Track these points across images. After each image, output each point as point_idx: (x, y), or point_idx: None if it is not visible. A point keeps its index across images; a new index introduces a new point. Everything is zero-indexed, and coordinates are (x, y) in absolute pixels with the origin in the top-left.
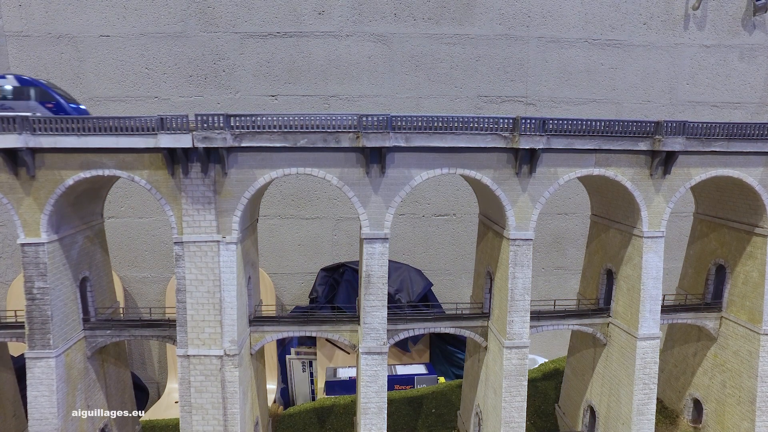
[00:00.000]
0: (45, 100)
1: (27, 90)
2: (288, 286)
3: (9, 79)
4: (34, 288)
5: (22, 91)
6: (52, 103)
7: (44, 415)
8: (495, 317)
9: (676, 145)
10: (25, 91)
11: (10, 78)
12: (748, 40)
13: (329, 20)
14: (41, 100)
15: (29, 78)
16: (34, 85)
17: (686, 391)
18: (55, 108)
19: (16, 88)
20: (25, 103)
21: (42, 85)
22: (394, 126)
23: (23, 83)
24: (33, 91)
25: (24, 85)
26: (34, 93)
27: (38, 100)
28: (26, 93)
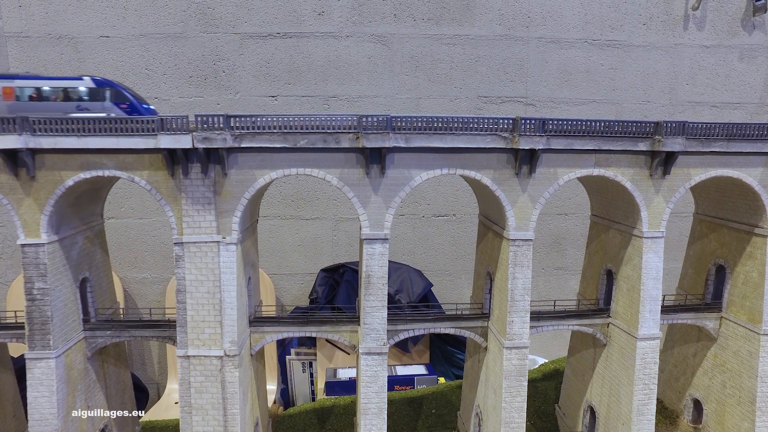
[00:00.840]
0: (119, 101)
1: (102, 91)
2: (288, 286)
3: (85, 81)
4: (34, 289)
5: (97, 93)
6: (126, 103)
7: (44, 415)
8: (495, 318)
9: (675, 146)
10: (101, 92)
11: (86, 80)
12: (747, 40)
13: (329, 21)
14: (115, 101)
15: (104, 79)
16: (109, 86)
17: (686, 392)
18: (129, 108)
19: (92, 90)
20: (101, 104)
21: (116, 86)
22: (393, 126)
23: (99, 84)
24: (108, 92)
25: (99, 87)
26: (108, 94)
27: (113, 101)
28: (101, 94)
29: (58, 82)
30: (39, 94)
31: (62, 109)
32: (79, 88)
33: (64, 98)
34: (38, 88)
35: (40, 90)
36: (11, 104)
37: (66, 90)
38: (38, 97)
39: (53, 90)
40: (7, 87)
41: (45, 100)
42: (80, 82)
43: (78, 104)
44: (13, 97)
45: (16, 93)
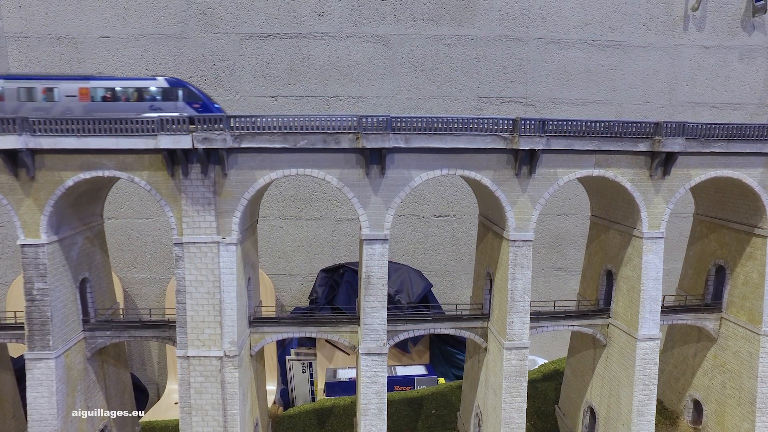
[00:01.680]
0: (192, 101)
1: (176, 91)
2: (288, 287)
3: (159, 81)
4: (34, 289)
5: (171, 92)
6: (198, 103)
7: (44, 416)
8: (495, 318)
9: (675, 146)
10: (174, 92)
11: (160, 80)
12: (747, 41)
13: (329, 21)
14: (188, 101)
15: (177, 79)
16: (182, 86)
17: (686, 392)
18: (201, 108)
19: (166, 90)
20: (173, 104)
21: (189, 85)
22: (393, 127)
23: (172, 84)
24: (181, 92)
25: (173, 86)
26: (182, 94)
27: (186, 101)
28: (175, 94)
29: (133, 83)
30: (114, 95)
31: (136, 109)
32: (152, 88)
33: (138, 98)
34: (113, 88)
35: (114, 90)
36: (87, 105)
37: (140, 90)
38: (113, 98)
39: (127, 90)
40: (84, 88)
41: (119, 101)
42: (154, 82)
43: (151, 104)
44: (89, 97)
45: (92, 94)
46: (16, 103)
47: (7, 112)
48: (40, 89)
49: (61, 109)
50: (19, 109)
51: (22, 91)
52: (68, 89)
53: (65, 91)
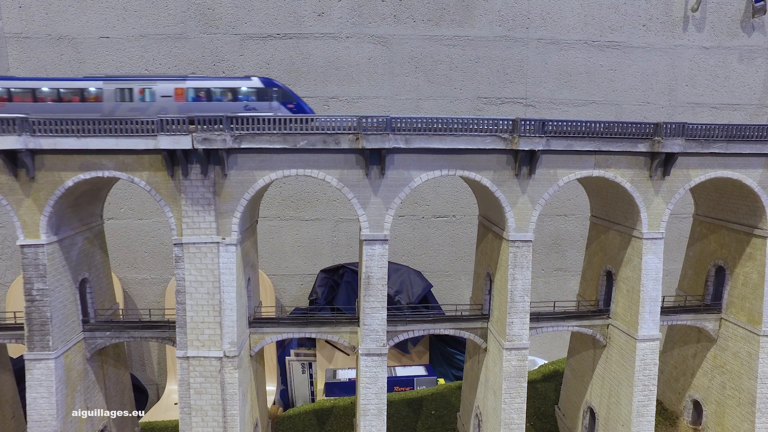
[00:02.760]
0: (286, 101)
1: (270, 91)
2: (287, 287)
3: (253, 81)
4: (34, 289)
5: (265, 93)
6: (292, 103)
7: (43, 416)
8: (495, 319)
9: (675, 147)
10: (269, 92)
11: (255, 80)
12: (747, 41)
13: (329, 22)
14: (283, 101)
15: (271, 79)
16: (277, 86)
17: (686, 393)
18: (295, 108)
19: (260, 90)
20: (268, 104)
21: (283, 86)
22: (393, 127)
23: (267, 84)
24: (276, 93)
25: (267, 87)
26: (276, 94)
27: (280, 101)
28: (269, 94)
29: (227, 83)
30: (208, 95)
31: (230, 109)
32: (247, 88)
33: (232, 98)
34: (208, 88)
35: (209, 90)
36: (181, 104)
37: (234, 90)
38: (207, 98)
39: (222, 90)
40: (179, 88)
41: (213, 101)
42: (248, 82)
43: (246, 104)
44: (184, 97)
45: (187, 94)
46: (114, 104)
47: (104, 113)
48: (137, 90)
49: (157, 109)
50: (116, 109)
51: (120, 92)
52: (164, 89)
53: (161, 91)
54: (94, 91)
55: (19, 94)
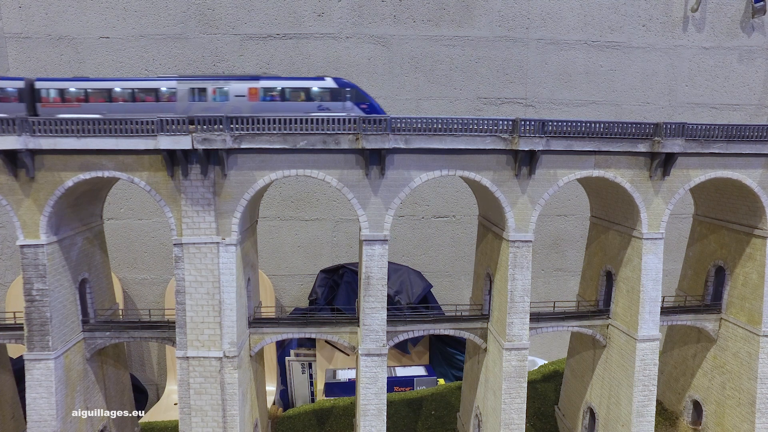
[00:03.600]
0: (359, 102)
1: (344, 92)
2: (287, 287)
3: (327, 81)
4: (33, 290)
5: (339, 93)
6: (365, 104)
7: (43, 417)
8: (494, 319)
9: (675, 147)
10: (343, 92)
11: (329, 80)
12: (746, 42)
13: (329, 22)
14: (356, 101)
15: (344, 79)
16: (350, 86)
17: (686, 393)
18: (368, 109)
19: (334, 90)
20: (341, 104)
21: (356, 86)
22: (393, 128)
23: (340, 85)
24: (349, 93)
25: (341, 87)
26: (350, 94)
27: (353, 101)
28: (343, 94)
29: (301, 83)
30: (282, 95)
31: (304, 109)
32: (321, 89)
33: (306, 98)
34: (282, 88)
35: (283, 90)
36: (255, 104)
37: (308, 90)
38: (281, 98)
39: (296, 90)
40: (253, 88)
41: (286, 101)
42: (322, 82)
43: (319, 104)
44: (258, 97)
45: (260, 94)
46: (187, 104)
47: (177, 111)
48: (211, 89)
49: (230, 108)
50: (189, 109)
51: (194, 92)
52: (238, 89)
53: (235, 91)
54: (168, 90)
55: (95, 95)
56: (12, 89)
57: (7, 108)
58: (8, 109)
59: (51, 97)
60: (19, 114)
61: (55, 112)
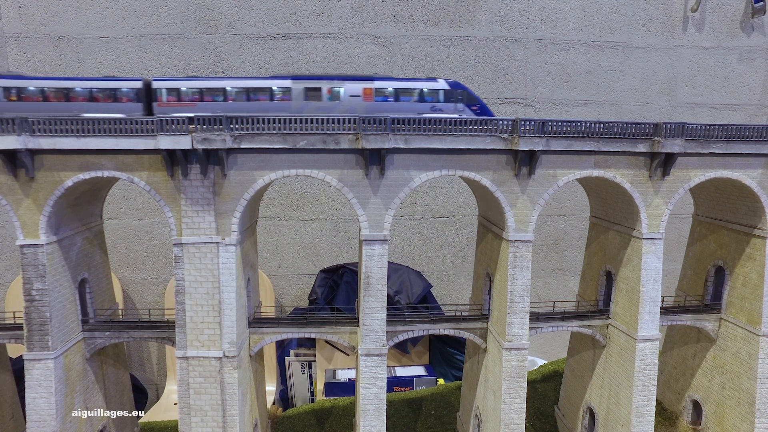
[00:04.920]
0: (470, 103)
1: (456, 93)
2: (287, 287)
3: (440, 83)
4: (33, 289)
5: (451, 95)
6: (476, 105)
7: (43, 417)
8: (494, 319)
9: (675, 147)
10: (455, 94)
11: (441, 82)
12: (746, 42)
13: (329, 22)
14: (467, 103)
15: (456, 81)
16: (462, 88)
17: (686, 393)
18: (479, 110)
19: (447, 92)
20: (453, 106)
21: (467, 88)
22: (393, 128)
23: (453, 87)
24: (461, 95)
25: (453, 89)
26: (461, 96)
27: (465, 103)
28: (455, 96)
29: (415, 84)
30: (396, 95)
31: (417, 110)
32: (434, 90)
33: (419, 99)
34: (396, 89)
35: (398, 91)
36: (369, 104)
37: (422, 91)
38: (395, 98)
39: (410, 91)
40: (368, 88)
41: (400, 101)
42: (436, 84)
43: (432, 105)
44: (372, 98)
45: (375, 94)
46: (302, 103)
47: (292, 111)
48: (326, 89)
49: (344, 108)
50: (303, 108)
51: (308, 92)
52: (352, 89)
53: (349, 91)
54: (283, 90)
55: (210, 94)
56: (130, 89)
57: (124, 108)
58: (125, 109)
59: (167, 97)
60: (135, 114)
61: (171, 111)
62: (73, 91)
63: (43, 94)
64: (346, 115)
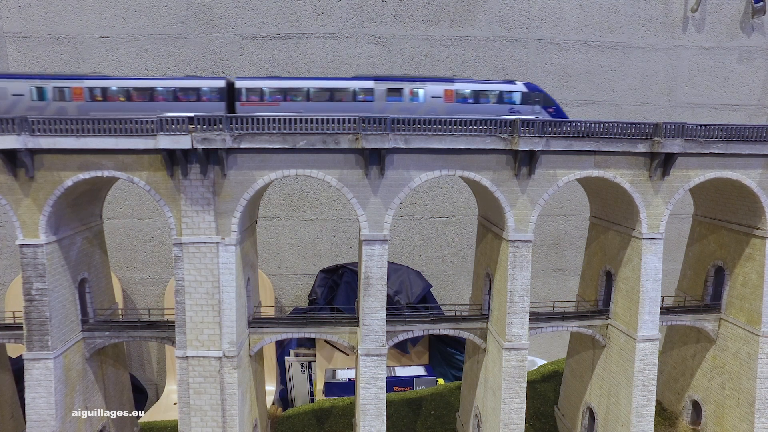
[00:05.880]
0: (547, 105)
1: (534, 96)
2: (287, 287)
3: (519, 85)
4: (33, 289)
5: (529, 97)
6: (552, 108)
7: (42, 416)
8: (494, 319)
9: (675, 147)
10: (533, 96)
11: (520, 84)
12: (746, 42)
13: (329, 22)
14: (544, 105)
15: (533, 84)
16: (539, 91)
17: (685, 393)
18: (554, 113)
19: (524, 94)
20: (531, 108)
21: (544, 91)
22: (393, 128)
23: (531, 89)
24: (538, 97)
25: (531, 91)
26: (538, 98)
27: (542, 105)
28: (533, 99)
29: (494, 86)
30: (476, 97)
31: (496, 112)
32: (513, 93)
33: (498, 101)
34: (477, 91)
35: (478, 93)
36: (449, 106)
37: (501, 94)
38: (474, 100)
39: (490, 93)
40: (449, 90)
41: (480, 103)
42: (514, 86)
43: (510, 107)
44: (453, 99)
45: (456, 95)
46: (384, 104)
47: (374, 111)
48: (408, 90)
49: (426, 109)
50: (385, 109)
51: (390, 92)
52: (434, 91)
53: (431, 92)
54: (365, 90)
55: (293, 94)
56: (213, 88)
57: (207, 107)
58: (208, 108)
59: (250, 97)
60: (218, 113)
61: (254, 110)
62: (156, 90)
63: (127, 94)
64: (346, 115)
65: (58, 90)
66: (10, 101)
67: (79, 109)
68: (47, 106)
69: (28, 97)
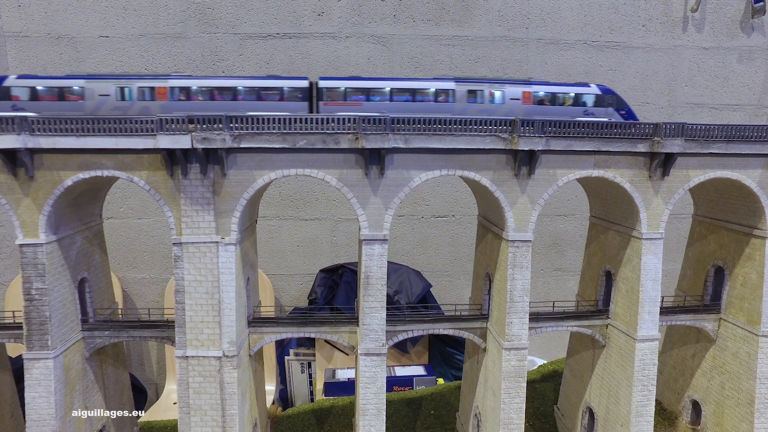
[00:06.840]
0: (619, 108)
1: (607, 98)
2: (287, 287)
3: (593, 88)
4: (33, 289)
5: (602, 99)
6: (624, 110)
7: (42, 416)
8: (494, 319)
9: (674, 147)
10: (606, 99)
11: (593, 87)
12: (746, 42)
13: (329, 21)
14: (617, 108)
15: (607, 87)
16: (611, 93)
17: (685, 393)
18: (626, 115)
19: (598, 96)
20: (604, 110)
21: (616, 93)
22: (393, 127)
23: (604, 92)
24: (611, 100)
25: (605, 94)
26: (611, 101)
27: (614, 108)
28: (606, 101)
29: (569, 89)
30: (553, 100)
31: (571, 114)
32: (588, 95)
33: (573, 104)
34: (553, 93)
35: (554, 96)
36: (528, 108)
37: (576, 96)
38: (552, 102)
39: (566, 96)
40: (527, 92)
41: (556, 105)
42: (589, 89)
43: (585, 109)
44: (531, 101)
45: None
46: (464, 105)
47: (455, 113)
48: (487, 92)
49: (504, 111)
50: (466, 110)
51: (470, 94)
52: (513, 93)
53: (510, 94)
54: (446, 91)
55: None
56: (296, 88)
57: (290, 107)
58: (291, 107)
59: (333, 97)
60: (301, 112)
61: (337, 110)
62: (239, 90)
63: (210, 94)
64: (346, 115)
65: (142, 90)
66: (96, 102)
67: (162, 108)
68: (131, 106)
69: (114, 97)
